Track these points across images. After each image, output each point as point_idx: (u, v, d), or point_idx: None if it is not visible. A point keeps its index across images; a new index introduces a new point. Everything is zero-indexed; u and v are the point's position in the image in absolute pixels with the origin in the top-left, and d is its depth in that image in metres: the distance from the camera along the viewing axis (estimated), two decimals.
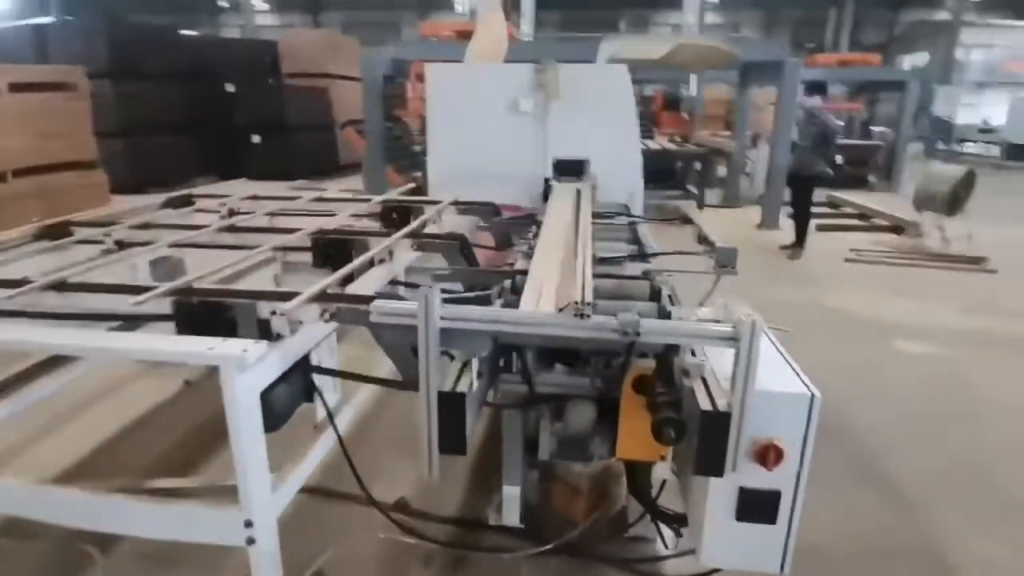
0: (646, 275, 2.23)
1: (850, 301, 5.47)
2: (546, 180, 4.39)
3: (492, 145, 4.42)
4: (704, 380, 1.58)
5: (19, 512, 1.89)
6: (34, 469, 2.79)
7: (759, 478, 1.58)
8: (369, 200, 3.45)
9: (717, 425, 1.44)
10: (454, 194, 3.61)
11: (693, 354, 1.59)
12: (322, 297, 1.75)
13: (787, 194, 7.37)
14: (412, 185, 4.16)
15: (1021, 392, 3.85)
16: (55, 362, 2.10)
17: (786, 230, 7.59)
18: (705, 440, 1.47)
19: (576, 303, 1.46)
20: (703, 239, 2.58)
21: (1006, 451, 3.21)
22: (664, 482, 2.23)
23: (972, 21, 21.33)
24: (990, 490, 2.89)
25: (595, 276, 1.83)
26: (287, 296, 1.77)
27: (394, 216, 3.47)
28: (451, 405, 1.51)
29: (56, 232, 2.84)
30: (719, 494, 1.62)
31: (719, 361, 1.59)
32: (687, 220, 3.09)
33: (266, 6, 32.05)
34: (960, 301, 5.52)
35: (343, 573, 2.15)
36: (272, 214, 3.19)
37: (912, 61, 26.29)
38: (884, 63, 16.84)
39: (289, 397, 1.91)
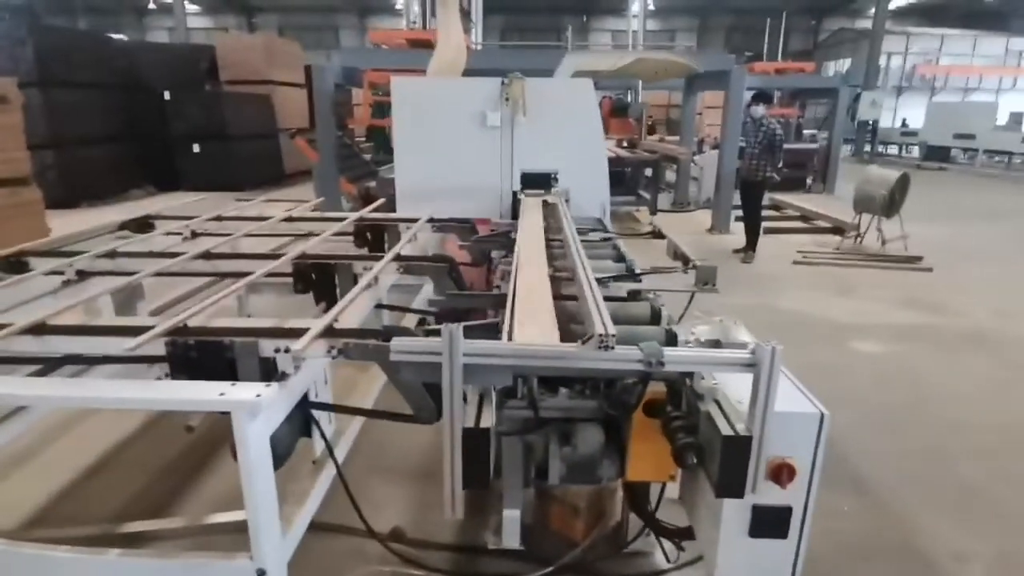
0: (639, 295, 2.27)
1: (803, 303, 5.71)
2: (514, 193, 4.42)
3: (460, 159, 4.41)
4: (718, 403, 1.62)
5: None
6: None
7: (771, 495, 1.62)
8: (343, 219, 3.36)
9: (738, 449, 1.48)
10: (425, 210, 3.56)
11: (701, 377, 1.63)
12: (330, 333, 1.69)
13: (737, 198, 7.65)
14: (381, 201, 4.09)
15: (968, 381, 4.14)
16: None
17: (737, 234, 7.87)
18: (726, 464, 1.50)
19: (600, 335, 1.47)
20: (679, 255, 2.64)
21: (957, 434, 3.50)
22: (661, 498, 2.29)
23: (890, 29, 22.68)
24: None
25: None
26: (287, 332, 1.71)
27: (368, 235, 3.43)
28: (475, 441, 1.49)
29: (10, 263, 2.66)
30: (733, 512, 1.66)
31: (726, 381, 1.65)
32: (660, 235, 3.16)
33: (197, 8, 30.86)
34: (904, 299, 5.85)
35: None
36: (247, 235, 3.06)
37: (836, 68, 27.76)
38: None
39: (290, 435, 1.85)
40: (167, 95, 11.85)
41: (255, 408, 1.43)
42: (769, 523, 1.66)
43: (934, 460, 3.26)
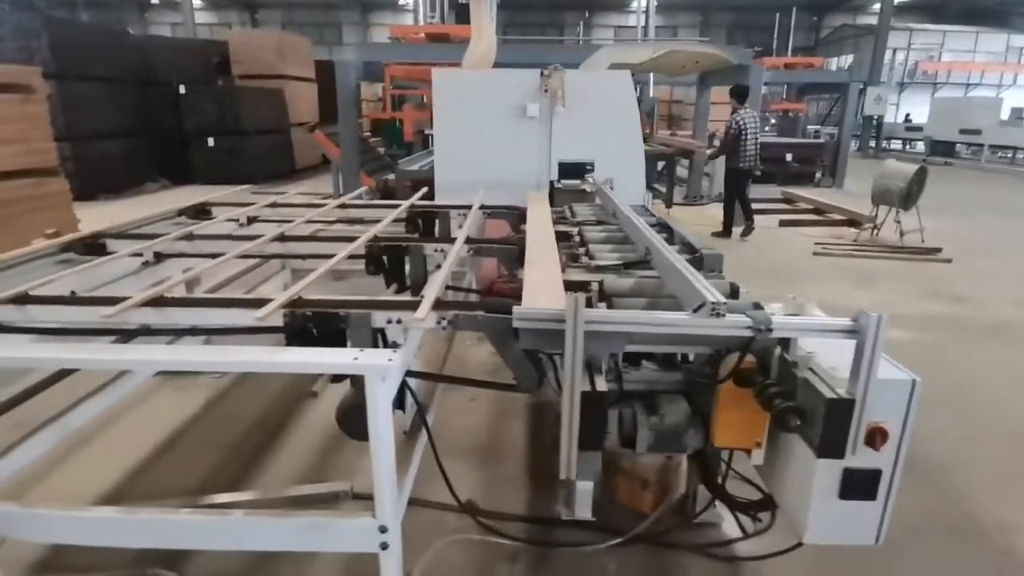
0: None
1: (826, 293, 5.81)
2: (551, 183, 4.50)
3: (498, 149, 4.49)
4: (811, 370, 1.71)
5: (104, 540, 1.82)
6: (70, 493, 2.69)
7: (862, 458, 1.71)
8: (396, 207, 3.44)
9: (841, 411, 1.56)
10: (464, 199, 3.62)
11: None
12: (439, 305, 1.77)
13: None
14: (424, 189, 4.15)
15: (999, 370, 4.24)
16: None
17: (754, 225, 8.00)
18: (829, 426, 1.59)
19: (713, 303, 1.55)
20: (684, 245, 2.70)
21: (994, 417, 3.60)
22: (727, 470, 2.38)
23: (892, 25, 22.79)
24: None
25: None
26: (394, 305, 1.79)
27: (419, 221, 3.51)
28: (593, 404, 1.58)
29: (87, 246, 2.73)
30: (825, 476, 1.74)
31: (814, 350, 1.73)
32: (666, 228, 3.25)
33: (200, 3, 30.81)
34: (926, 290, 5.95)
35: None
36: (309, 221, 3.14)
37: (838, 64, 27.87)
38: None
39: None
40: (182, 89, 11.88)
41: (387, 372, 1.51)
42: (859, 485, 1.74)
43: (974, 443, 3.35)
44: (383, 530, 1.65)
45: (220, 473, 2.84)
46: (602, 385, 1.61)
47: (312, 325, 1.75)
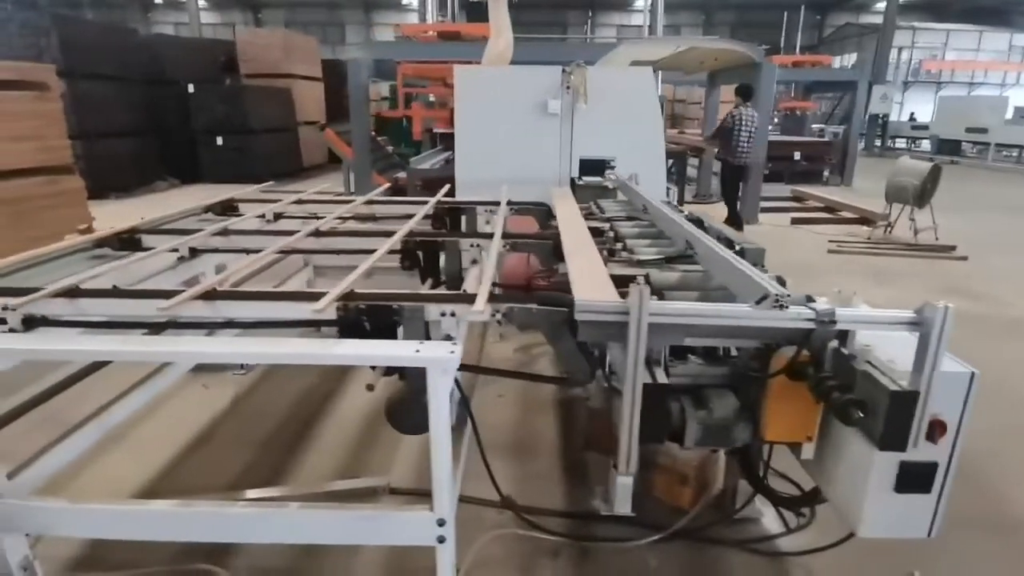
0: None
1: (847, 289, 5.80)
2: (572, 180, 4.50)
3: (520, 146, 4.49)
4: (870, 363, 1.70)
5: (158, 535, 1.82)
6: (104, 490, 2.69)
7: (918, 451, 1.70)
8: (424, 203, 3.43)
9: (905, 404, 1.56)
10: (485, 195, 3.62)
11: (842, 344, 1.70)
12: (492, 298, 1.77)
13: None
14: (448, 187, 4.14)
15: (1021, 366, 4.23)
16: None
17: (764, 223, 7.99)
18: (892, 418, 1.58)
19: (776, 295, 1.54)
20: (723, 240, 2.70)
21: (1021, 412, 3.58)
22: (768, 466, 2.37)
23: (896, 24, 22.82)
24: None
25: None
26: (446, 298, 1.79)
27: (446, 218, 3.50)
28: (655, 397, 1.57)
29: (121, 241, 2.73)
30: (882, 469, 1.73)
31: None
32: (699, 223, 3.24)
33: (203, 3, 30.80)
34: (944, 287, 5.94)
35: (487, 573, 2.16)
36: (342, 218, 3.14)
37: (841, 63, 27.86)
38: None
39: None
40: (191, 88, 11.88)
41: (449, 364, 1.51)
42: (916, 478, 1.73)
43: (1004, 437, 3.34)
44: (441, 523, 1.65)
45: (253, 470, 2.83)
46: (663, 377, 1.60)
47: (365, 318, 1.75)
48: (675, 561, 2.28)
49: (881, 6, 27.63)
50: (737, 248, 2.44)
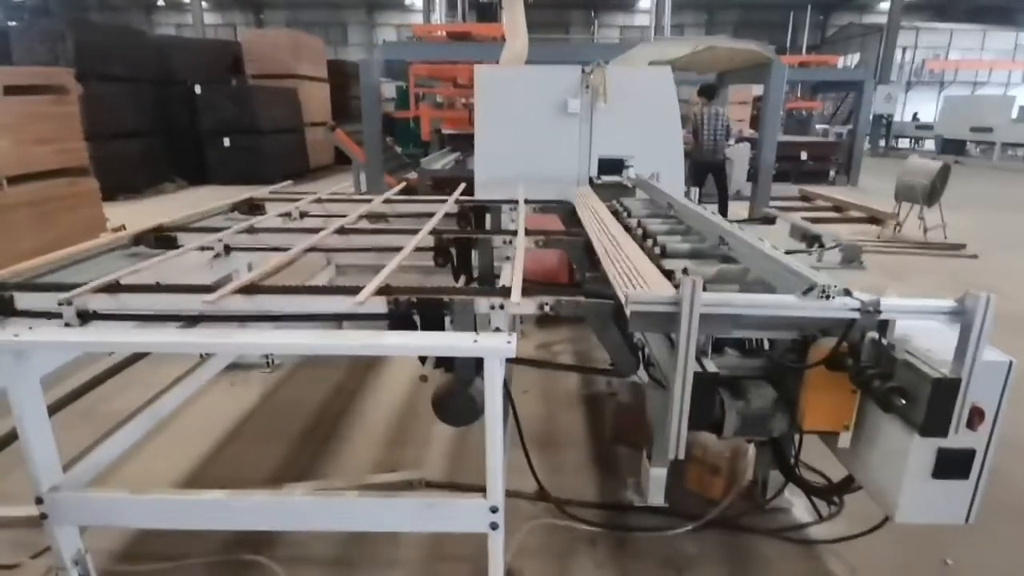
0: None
1: (860, 286, 5.83)
2: (591, 179, 4.55)
3: (539, 145, 4.53)
4: (911, 352, 1.75)
5: (217, 524, 1.87)
6: (148, 481, 2.73)
7: (956, 438, 1.75)
8: (443, 201, 3.48)
9: (947, 391, 1.60)
10: (505, 194, 3.66)
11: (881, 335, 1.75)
12: (535, 291, 1.81)
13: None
14: (463, 185, 4.19)
15: None
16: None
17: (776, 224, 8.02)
18: (934, 405, 1.62)
19: (823, 286, 1.59)
20: (808, 236, 2.76)
21: None
22: (798, 456, 2.42)
23: (900, 24, 22.87)
24: None
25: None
26: (493, 292, 1.84)
27: (471, 216, 3.55)
28: (705, 384, 1.62)
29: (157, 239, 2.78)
30: (919, 456, 1.78)
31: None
32: (769, 220, 3.29)
33: (205, 3, 30.87)
34: (957, 284, 5.98)
35: (528, 564, 2.21)
36: (363, 216, 3.18)
37: (844, 62, 27.89)
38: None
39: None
40: (198, 89, 11.94)
41: (507, 354, 1.55)
42: (954, 465, 1.78)
43: None
44: (494, 510, 1.69)
45: (289, 464, 2.88)
46: (712, 366, 1.65)
47: (416, 312, 1.80)
48: (712, 549, 2.32)
49: (884, 6, 27.65)
50: (832, 244, 2.49)
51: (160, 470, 2.82)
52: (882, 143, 21.02)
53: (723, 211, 8.13)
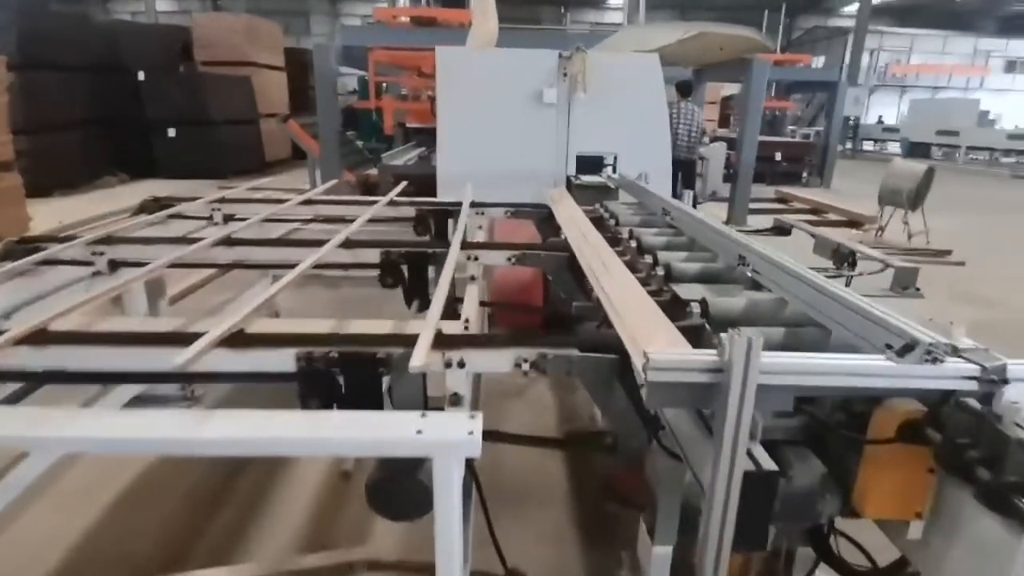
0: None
1: (938, 317, 5.47)
2: (569, 178, 4.04)
3: (510, 139, 4.01)
4: (1019, 426, 1.28)
5: None
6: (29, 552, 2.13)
7: None
8: (375, 203, 2.93)
9: None
10: (467, 195, 3.17)
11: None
12: (516, 341, 1.29)
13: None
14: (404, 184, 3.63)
15: None
16: None
17: (754, 224, 7.66)
18: None
19: (930, 344, 1.10)
20: (841, 252, 2.29)
21: None
22: (837, 539, 1.94)
23: (867, 27, 23.06)
24: None
25: None
26: (455, 342, 1.30)
27: (430, 221, 3.02)
28: (758, 489, 1.11)
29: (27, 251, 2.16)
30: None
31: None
32: (785, 231, 2.85)
33: None
34: (953, 294, 5.66)
35: None
36: (310, 220, 2.61)
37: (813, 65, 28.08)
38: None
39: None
40: (141, 76, 11.07)
41: (467, 452, 1.02)
42: None
43: None
44: None
45: (194, 538, 2.29)
46: (768, 461, 1.15)
47: (340, 371, 1.26)
48: None
49: (849, 9, 27.93)
50: (881, 266, 2.02)
51: (30, 545, 2.21)
52: (849, 145, 21.08)
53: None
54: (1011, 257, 7.05)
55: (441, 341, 1.29)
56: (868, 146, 23.77)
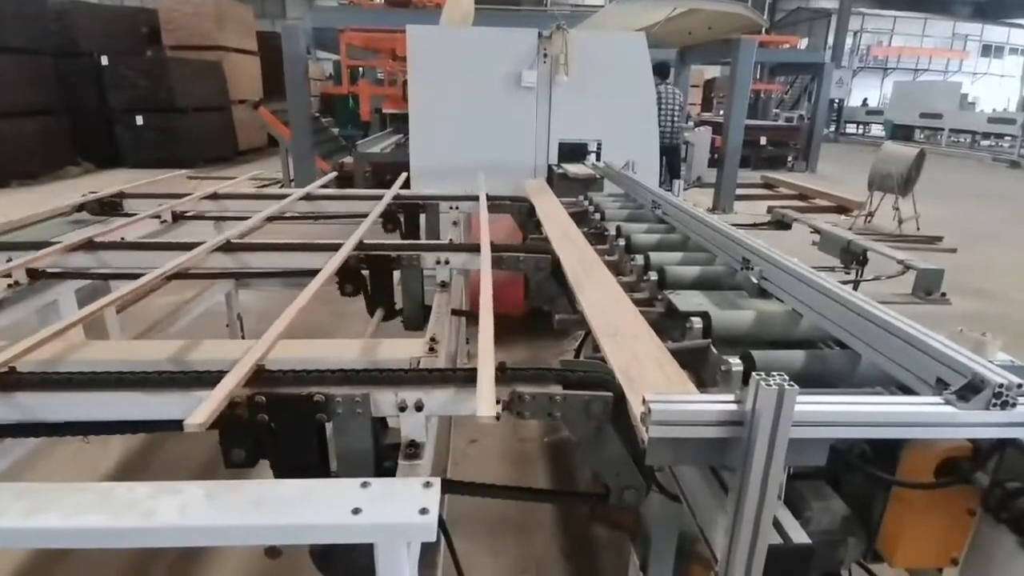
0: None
1: (969, 328, 5.30)
2: (551, 167, 3.80)
3: (487, 125, 3.76)
4: None
5: None
6: None
7: None
8: (376, 197, 2.68)
9: None
10: (440, 186, 2.93)
11: None
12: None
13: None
14: (406, 175, 3.38)
15: None
16: None
17: (740, 212, 7.49)
18: None
19: (1000, 386, 0.89)
20: (851, 250, 2.09)
21: None
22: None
23: (851, 9, 22.91)
24: None
25: None
26: (416, 379, 1.07)
27: (399, 217, 2.77)
28: (788, 565, 0.90)
29: None
30: None
31: None
32: (785, 225, 2.65)
33: None
34: (948, 283, 5.48)
35: None
36: (271, 219, 2.35)
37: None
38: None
39: None
40: (104, 61, 10.57)
41: (421, 535, 0.79)
42: None
43: None
44: None
45: None
46: (799, 533, 0.93)
47: (270, 418, 1.02)
48: None
49: None
50: (900, 268, 1.81)
51: None
52: (833, 128, 21.01)
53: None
54: (1000, 247, 6.93)
55: (396, 380, 1.06)
56: (851, 129, 23.73)
